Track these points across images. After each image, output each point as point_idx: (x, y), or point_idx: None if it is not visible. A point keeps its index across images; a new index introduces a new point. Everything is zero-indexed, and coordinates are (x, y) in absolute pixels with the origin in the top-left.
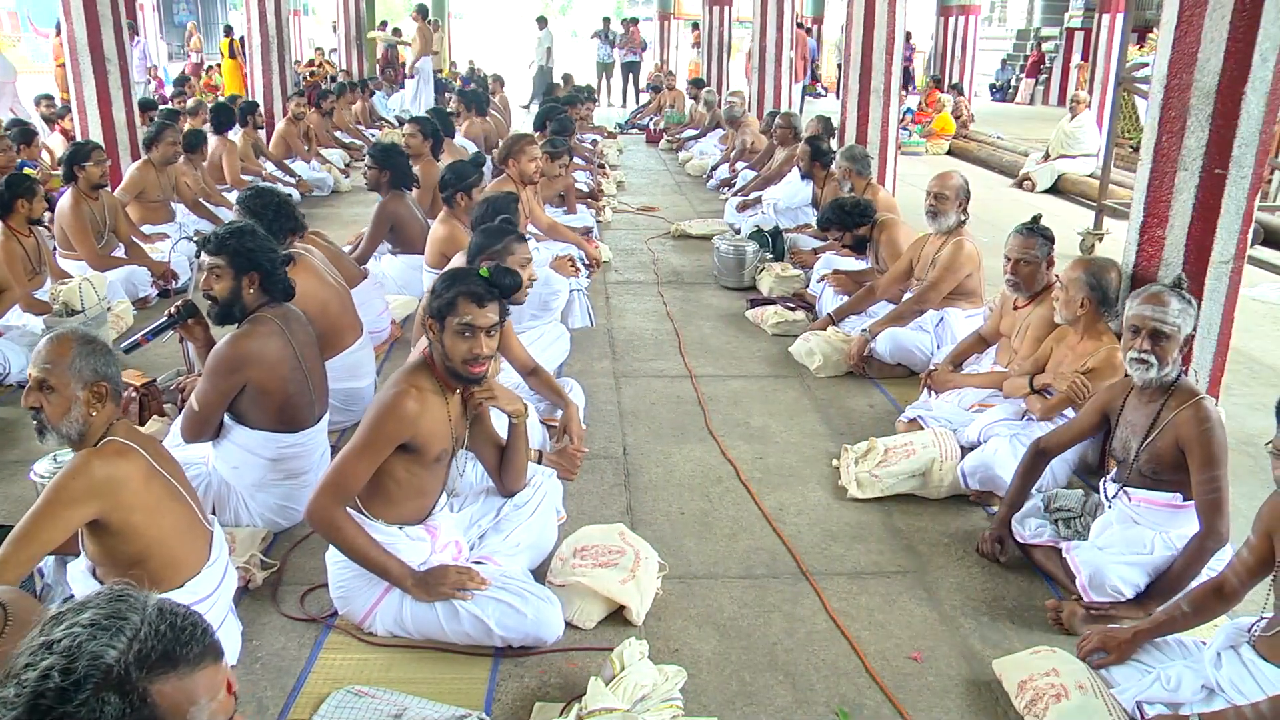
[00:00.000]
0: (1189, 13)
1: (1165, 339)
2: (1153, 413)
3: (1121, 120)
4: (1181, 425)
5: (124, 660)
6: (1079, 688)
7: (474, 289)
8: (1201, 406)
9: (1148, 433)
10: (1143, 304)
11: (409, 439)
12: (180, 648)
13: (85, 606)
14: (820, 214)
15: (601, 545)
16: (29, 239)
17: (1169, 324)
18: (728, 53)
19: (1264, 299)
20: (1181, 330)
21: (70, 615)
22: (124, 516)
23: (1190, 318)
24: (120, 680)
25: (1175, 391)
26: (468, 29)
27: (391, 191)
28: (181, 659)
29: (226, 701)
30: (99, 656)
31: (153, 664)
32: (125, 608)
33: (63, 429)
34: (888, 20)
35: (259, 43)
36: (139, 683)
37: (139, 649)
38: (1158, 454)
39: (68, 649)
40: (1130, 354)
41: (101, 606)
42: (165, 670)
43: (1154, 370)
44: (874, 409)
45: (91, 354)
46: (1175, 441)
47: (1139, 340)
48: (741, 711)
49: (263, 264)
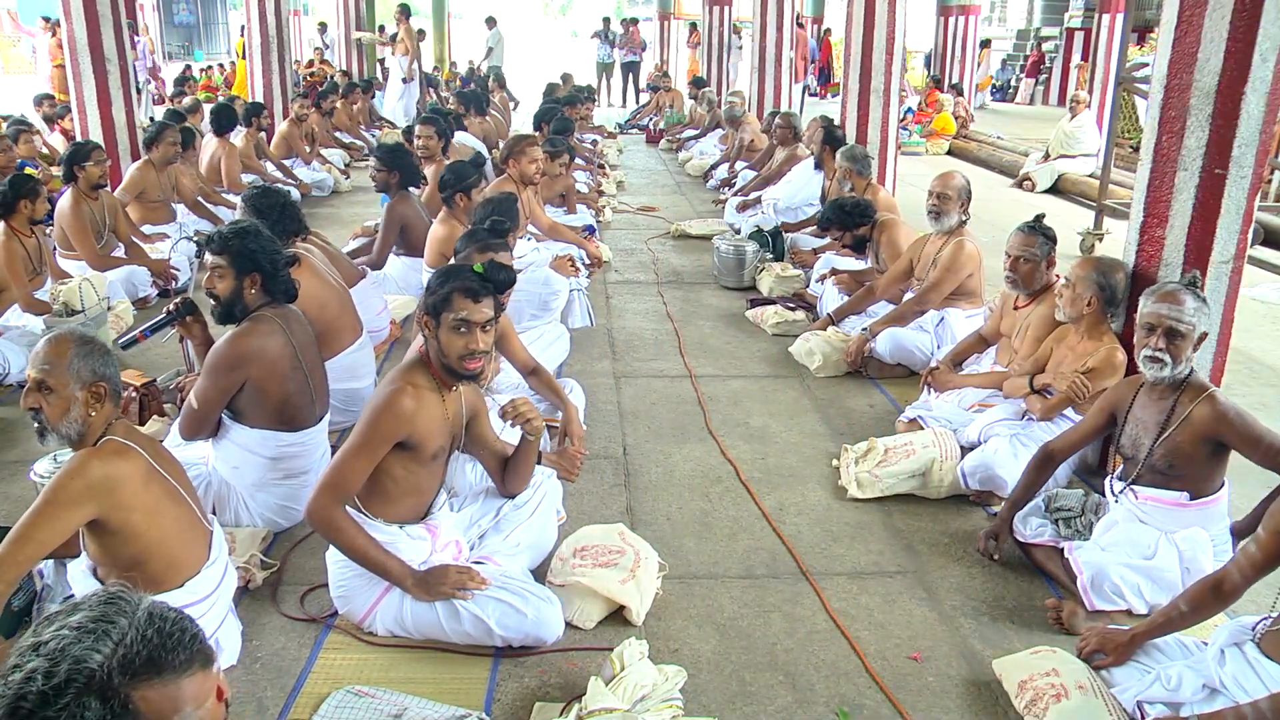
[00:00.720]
0: (1189, 13)
1: (1180, 338)
2: (1166, 408)
3: (1121, 120)
4: (1206, 421)
5: (108, 665)
6: (1079, 688)
7: (469, 284)
8: (1216, 398)
9: (1163, 428)
10: (1158, 302)
11: (406, 437)
12: (167, 654)
13: (78, 608)
14: (821, 214)
15: (601, 545)
16: (30, 239)
17: (1185, 323)
18: (728, 53)
19: (1264, 299)
20: (1196, 329)
21: (62, 616)
22: (123, 516)
23: (1205, 316)
24: (103, 686)
25: (1187, 387)
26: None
27: (400, 193)
28: (167, 665)
29: (216, 709)
30: (82, 661)
31: (137, 670)
32: (114, 611)
33: (62, 429)
34: (888, 20)
35: (259, 43)
36: (121, 689)
37: (124, 654)
38: (1176, 447)
39: (52, 652)
40: (1145, 352)
41: (92, 609)
42: (150, 676)
43: (1168, 369)
44: (874, 409)
45: (89, 354)
46: (1198, 435)
47: (1154, 338)
48: (741, 711)
49: (264, 265)
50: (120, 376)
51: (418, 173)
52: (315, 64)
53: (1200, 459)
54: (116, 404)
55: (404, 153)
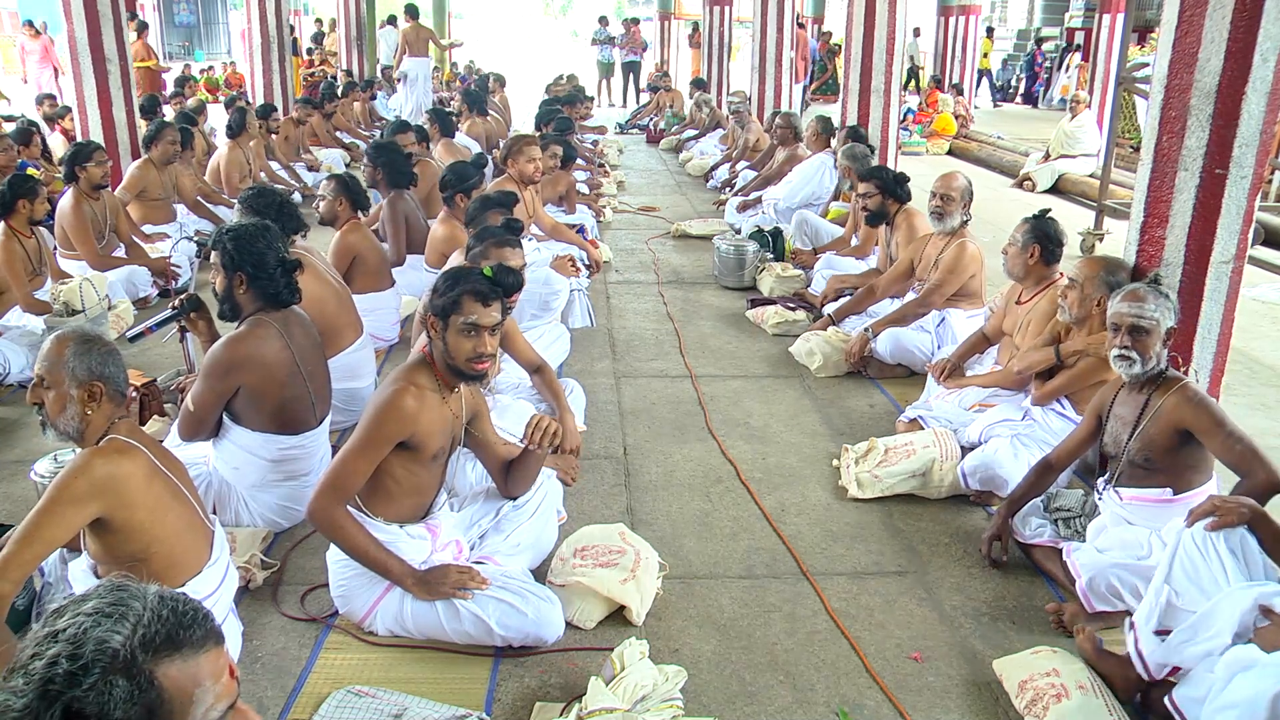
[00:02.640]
0: (1189, 13)
1: (1145, 334)
2: (1141, 403)
3: (1121, 120)
4: (1173, 409)
5: (129, 644)
6: (1079, 688)
7: (478, 287)
8: (1187, 388)
9: (1137, 421)
10: (1121, 302)
11: (407, 437)
12: (183, 631)
13: (87, 598)
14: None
15: (602, 545)
16: (30, 240)
17: (1147, 318)
18: (728, 53)
19: (1264, 299)
20: (1160, 324)
21: (73, 607)
22: (126, 515)
23: (1169, 311)
24: (127, 664)
25: (1162, 382)
26: (468, 28)
27: (392, 190)
28: (185, 642)
29: (230, 685)
30: (105, 641)
31: (157, 647)
32: (127, 596)
33: (60, 425)
34: (888, 20)
35: (259, 43)
36: (144, 665)
37: (143, 633)
38: (1150, 440)
39: (73, 636)
40: (1114, 351)
41: (103, 596)
42: (170, 653)
43: (1137, 365)
44: (874, 409)
45: (86, 354)
46: (1170, 425)
47: (1120, 336)
48: (741, 711)
49: (247, 267)
50: (125, 376)
51: (407, 170)
52: (316, 63)
53: (1174, 450)
54: (118, 404)
55: (390, 149)
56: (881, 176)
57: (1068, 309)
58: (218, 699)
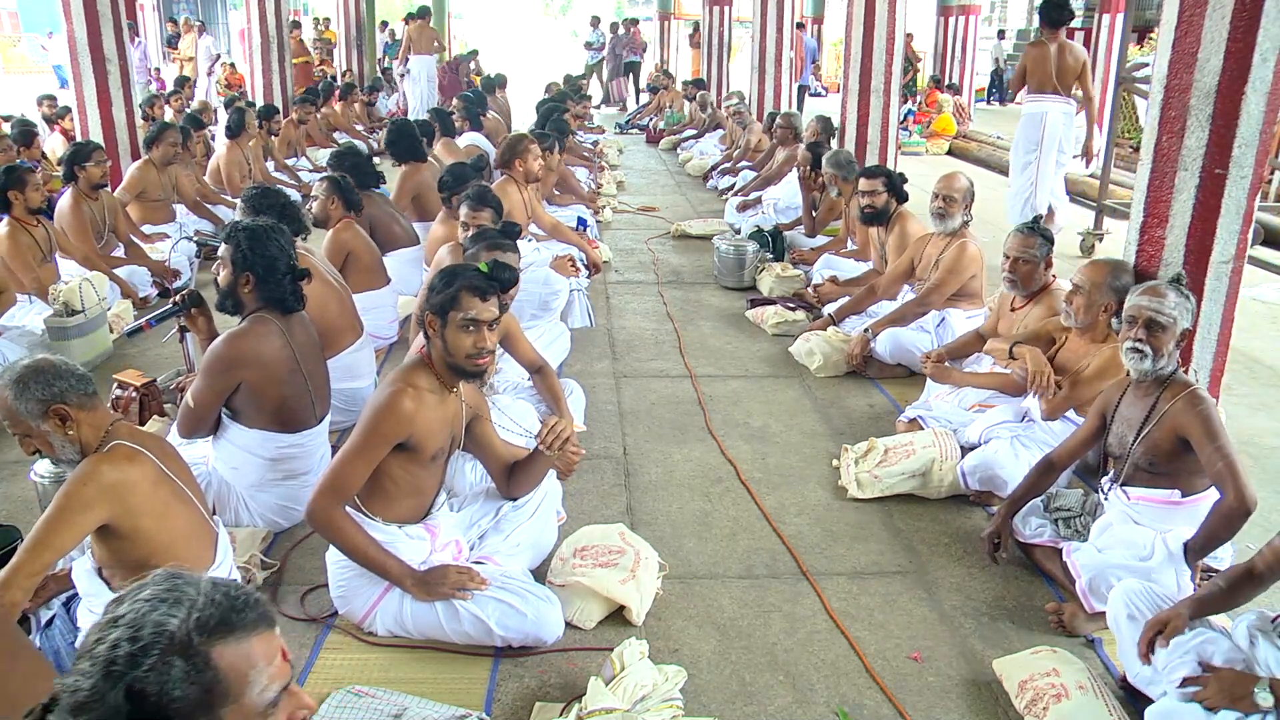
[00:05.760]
0: (1189, 13)
1: (1161, 330)
2: (1148, 405)
3: (1121, 120)
4: (1178, 414)
5: (185, 627)
6: (1079, 688)
7: (475, 282)
8: (1195, 394)
9: (1143, 425)
10: (1140, 295)
11: (406, 438)
12: (236, 614)
13: (144, 587)
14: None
15: (601, 545)
16: (37, 228)
17: (1165, 315)
18: (728, 53)
19: (1264, 299)
20: (1178, 323)
21: (131, 594)
22: (133, 521)
23: (1187, 312)
24: (184, 645)
25: (1170, 384)
26: (467, 28)
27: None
28: (239, 624)
29: (283, 667)
30: (162, 625)
31: (212, 630)
32: (181, 583)
33: (62, 456)
34: (888, 20)
35: (259, 43)
36: (200, 646)
37: (199, 616)
38: (1154, 444)
39: (133, 621)
40: (1126, 343)
41: (160, 584)
42: (224, 635)
43: (1149, 361)
44: (874, 409)
45: (25, 390)
46: (1172, 430)
47: (1135, 329)
48: (741, 711)
49: (258, 268)
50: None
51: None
52: (316, 63)
53: (1178, 455)
54: (94, 404)
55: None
56: (888, 174)
57: (1073, 314)
58: (271, 680)
